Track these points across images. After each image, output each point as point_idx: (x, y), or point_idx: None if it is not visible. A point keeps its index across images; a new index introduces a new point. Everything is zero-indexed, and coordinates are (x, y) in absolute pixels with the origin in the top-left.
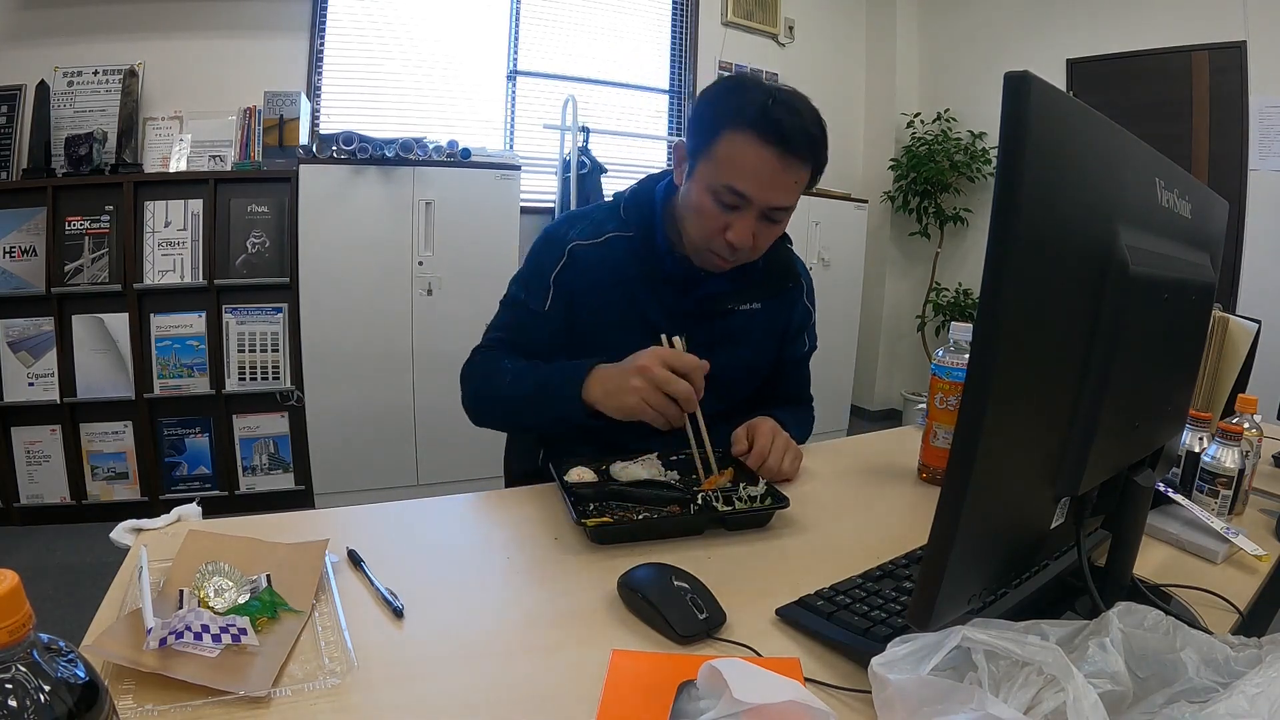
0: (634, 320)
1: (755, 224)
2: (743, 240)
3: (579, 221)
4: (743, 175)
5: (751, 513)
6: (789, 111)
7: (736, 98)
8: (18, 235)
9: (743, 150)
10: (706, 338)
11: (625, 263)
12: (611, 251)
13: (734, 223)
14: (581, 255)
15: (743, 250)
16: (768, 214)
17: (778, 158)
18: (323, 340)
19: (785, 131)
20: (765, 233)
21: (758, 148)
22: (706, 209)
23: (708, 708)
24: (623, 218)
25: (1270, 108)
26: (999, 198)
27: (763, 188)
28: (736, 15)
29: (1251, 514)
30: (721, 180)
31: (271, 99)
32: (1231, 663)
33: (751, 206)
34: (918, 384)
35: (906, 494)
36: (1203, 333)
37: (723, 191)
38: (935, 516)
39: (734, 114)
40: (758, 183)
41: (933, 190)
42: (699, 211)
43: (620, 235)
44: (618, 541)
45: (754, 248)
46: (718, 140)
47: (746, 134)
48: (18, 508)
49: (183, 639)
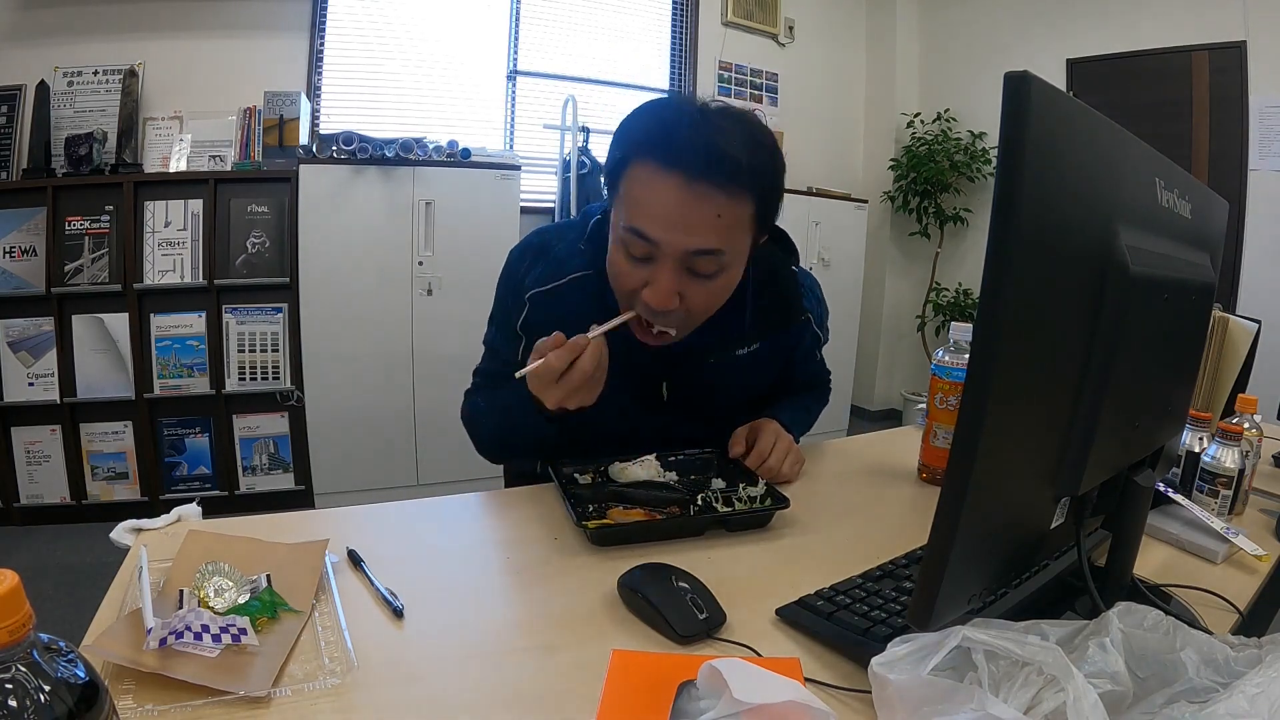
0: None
1: (677, 278)
2: (661, 300)
3: (539, 260)
4: (643, 213)
5: (752, 513)
6: (699, 126)
7: (638, 119)
8: (18, 235)
9: (643, 182)
10: (698, 379)
11: (587, 304)
12: (574, 295)
13: (650, 278)
14: (541, 302)
15: (671, 314)
16: (689, 264)
17: (683, 185)
18: (323, 340)
19: (692, 153)
20: (697, 290)
21: (658, 176)
22: (618, 264)
23: (708, 708)
24: (584, 254)
25: (1270, 108)
26: (999, 198)
27: (669, 226)
28: (736, 15)
29: (1251, 514)
30: (624, 223)
31: (271, 99)
32: (1231, 663)
33: (663, 254)
34: (918, 384)
35: (906, 494)
36: (1203, 333)
37: (629, 239)
38: (935, 516)
39: (636, 140)
40: (661, 221)
41: (933, 190)
42: (613, 268)
43: (583, 275)
44: (619, 543)
45: (687, 311)
46: (622, 176)
47: (647, 162)
48: (18, 508)
49: (183, 639)
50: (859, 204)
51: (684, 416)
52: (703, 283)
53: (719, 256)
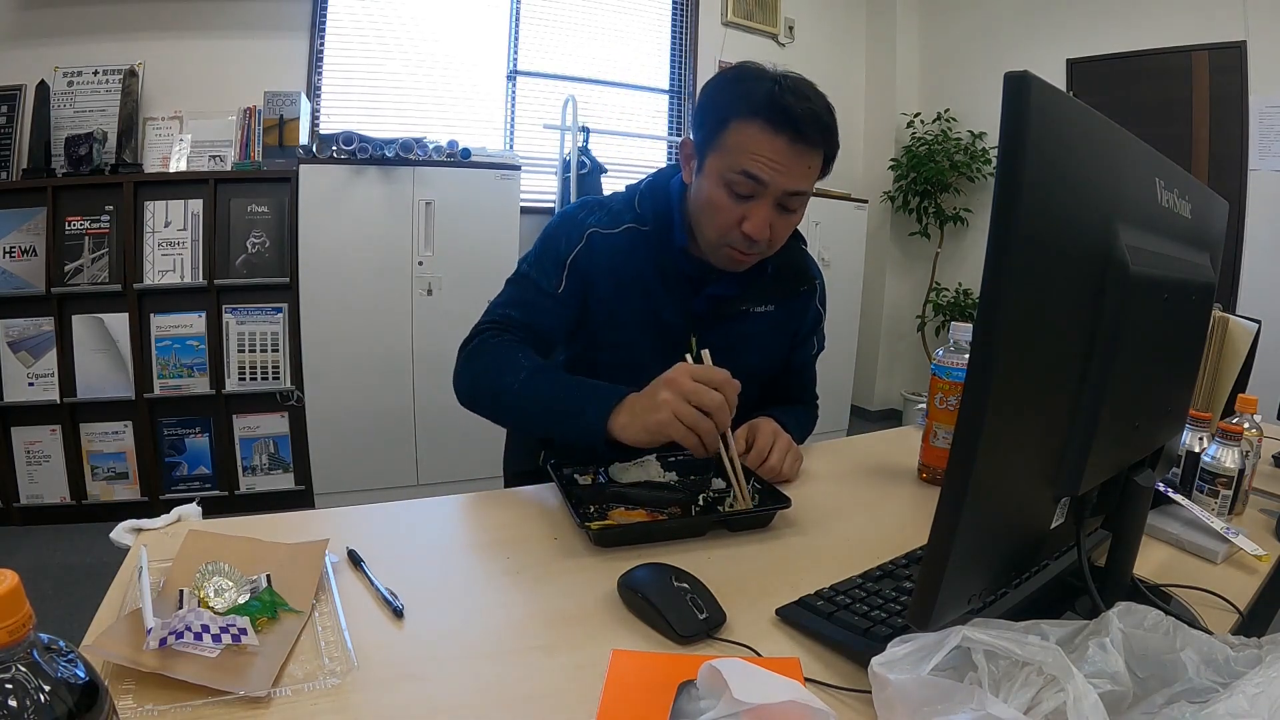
0: (647, 318)
1: (771, 213)
2: (760, 231)
3: (597, 210)
4: (757, 161)
5: (754, 513)
6: (798, 97)
7: (743, 86)
8: (18, 235)
9: (755, 138)
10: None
11: (640, 257)
12: (628, 242)
13: (750, 213)
14: (600, 242)
15: (760, 242)
16: (783, 202)
17: (790, 143)
18: (323, 340)
19: (796, 117)
20: (781, 223)
21: (769, 135)
22: (720, 201)
23: (708, 708)
24: (638, 211)
25: (1270, 108)
26: (999, 198)
27: (778, 172)
28: (736, 15)
29: (1251, 514)
30: (735, 168)
31: (271, 99)
32: (1231, 663)
33: (767, 193)
34: (918, 384)
35: (906, 494)
36: (1203, 333)
37: (737, 180)
38: (935, 516)
39: (742, 103)
40: (773, 168)
41: (933, 190)
42: (713, 205)
43: (636, 228)
44: (621, 544)
45: (771, 240)
46: (726, 131)
47: (757, 122)
48: (18, 508)
49: (183, 639)
50: (859, 204)
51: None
52: (787, 216)
53: (804, 196)
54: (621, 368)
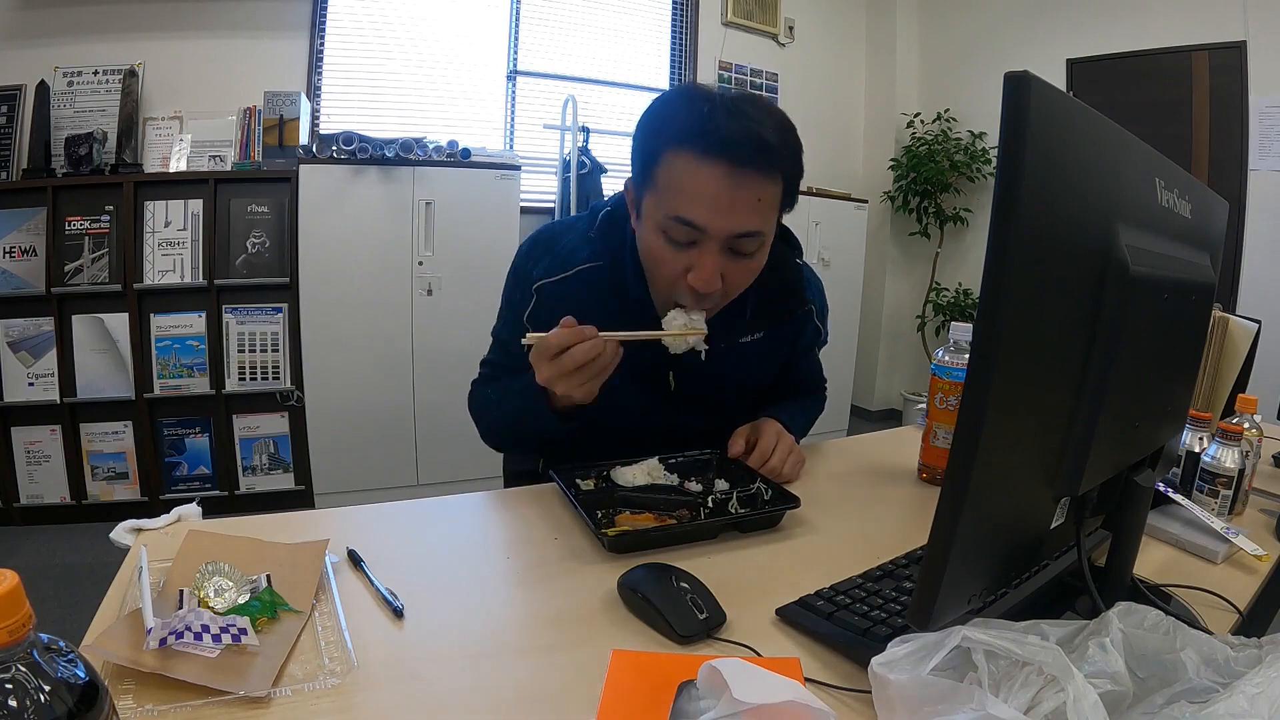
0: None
1: (720, 260)
2: (707, 283)
3: (546, 254)
4: (689, 202)
5: (765, 513)
6: (734, 116)
7: (670, 109)
8: (18, 235)
9: (686, 173)
10: (700, 373)
11: (600, 298)
12: (582, 287)
13: (695, 262)
14: (549, 294)
15: (712, 295)
16: (733, 246)
17: (727, 174)
18: (323, 340)
19: (731, 140)
20: (735, 270)
21: (701, 165)
22: (660, 253)
23: (708, 708)
24: (594, 244)
25: (1270, 108)
26: (999, 198)
27: (716, 213)
28: (736, 15)
29: (1251, 514)
30: (667, 213)
31: (271, 99)
32: (1231, 663)
33: (709, 239)
34: (918, 384)
35: (906, 494)
36: (1203, 333)
37: (673, 226)
38: (935, 516)
39: (670, 132)
40: (709, 207)
41: (933, 190)
42: (652, 257)
43: (591, 267)
44: (636, 549)
45: (724, 291)
46: (657, 166)
47: (686, 152)
48: (18, 508)
49: (183, 639)
50: (859, 204)
51: (689, 409)
52: (742, 261)
53: (758, 237)
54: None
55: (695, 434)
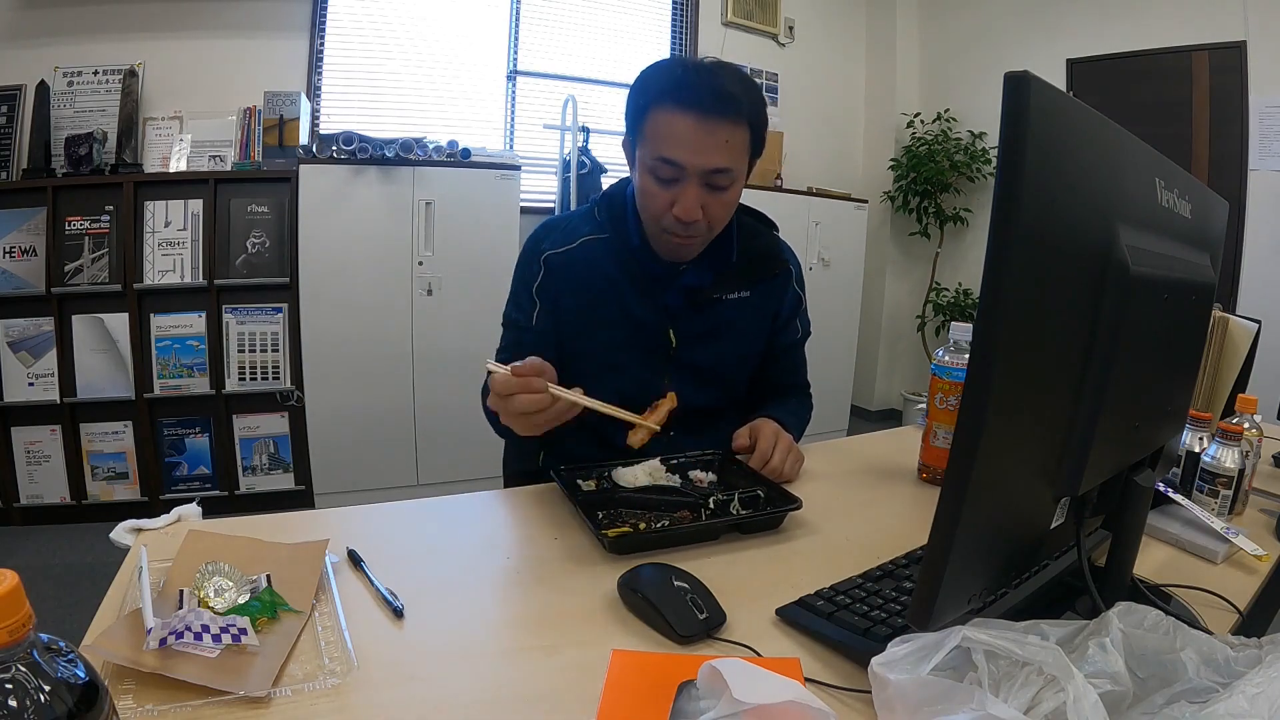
0: (618, 318)
1: (699, 193)
2: (689, 212)
3: (553, 231)
4: (670, 144)
5: (766, 515)
6: (703, 74)
7: (653, 75)
8: (18, 235)
9: (666, 122)
10: (695, 329)
11: (602, 263)
12: (587, 254)
13: (678, 196)
14: (556, 263)
15: (695, 225)
16: (709, 181)
17: (698, 119)
18: (323, 340)
19: (701, 93)
20: (714, 203)
21: (678, 115)
22: (649, 189)
23: (708, 708)
24: (597, 219)
25: (1270, 108)
26: (999, 198)
27: (693, 152)
28: (736, 15)
29: (1251, 514)
30: (653, 154)
31: (271, 99)
32: (1231, 663)
33: (689, 175)
34: (918, 384)
35: (906, 494)
36: (1203, 333)
37: (658, 166)
38: (935, 516)
39: (653, 91)
40: (686, 148)
41: (933, 190)
42: (644, 193)
43: (595, 238)
44: (637, 550)
45: (707, 221)
46: (645, 121)
47: (666, 106)
48: (18, 508)
49: (183, 639)
50: (859, 204)
51: (688, 372)
52: (718, 195)
53: (730, 173)
54: (605, 370)
55: (696, 412)
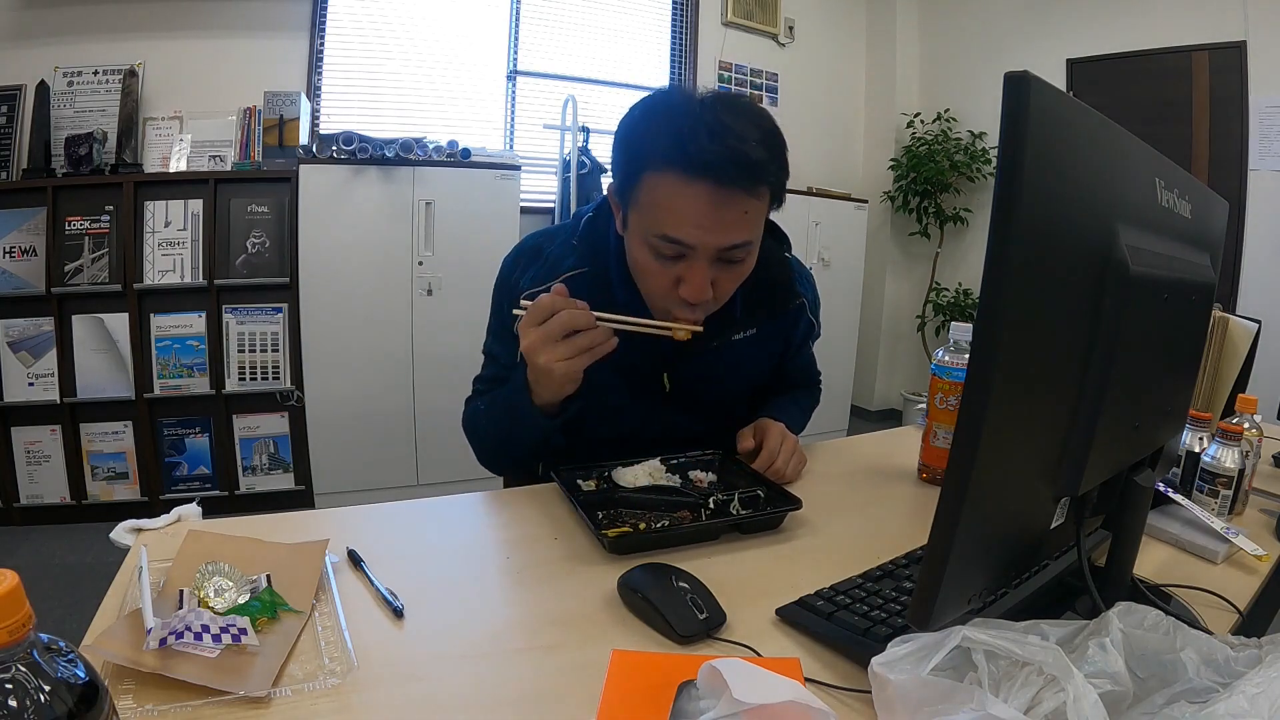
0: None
1: (710, 270)
2: (698, 294)
3: (532, 263)
4: (676, 222)
5: (766, 515)
6: (718, 134)
7: (651, 126)
8: (18, 235)
9: (669, 193)
10: (694, 373)
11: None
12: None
13: (684, 274)
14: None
15: (703, 304)
16: (721, 256)
17: (712, 193)
18: (323, 340)
19: (715, 161)
20: (726, 276)
21: (686, 187)
22: (649, 266)
23: (708, 708)
24: (578, 249)
25: (1270, 108)
26: (999, 198)
27: (704, 230)
28: (736, 15)
29: (1251, 514)
30: (654, 231)
31: (271, 99)
32: (1231, 663)
33: (697, 254)
34: (918, 384)
35: (906, 494)
36: (1203, 333)
37: (660, 244)
38: (935, 516)
39: (651, 150)
40: (696, 227)
41: (933, 190)
42: (642, 270)
43: (576, 273)
44: (637, 550)
45: (716, 297)
46: (639, 185)
47: (668, 174)
48: (18, 508)
49: (183, 639)
50: (859, 204)
51: (685, 410)
52: (731, 269)
53: (748, 246)
54: (601, 412)
55: (692, 437)
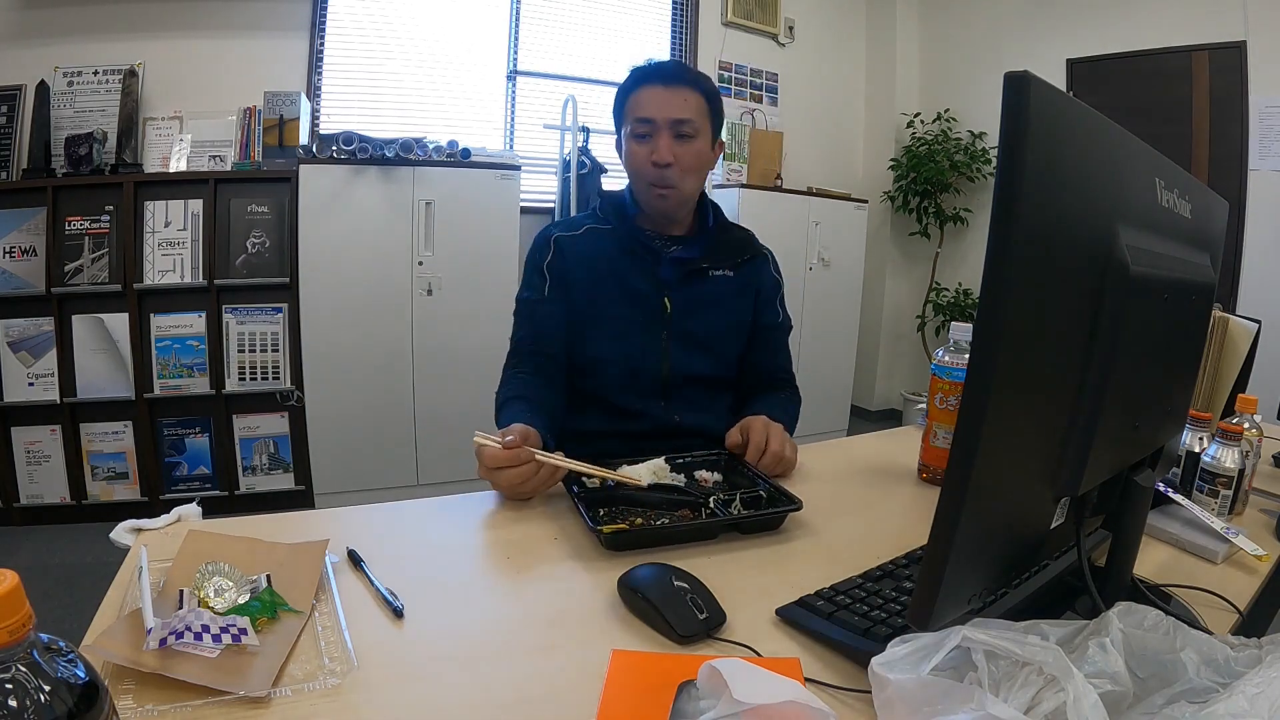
0: (619, 292)
1: (670, 142)
2: (663, 154)
3: (560, 224)
4: (641, 107)
5: (766, 515)
6: (661, 62)
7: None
8: (18, 235)
9: (637, 95)
10: (688, 299)
11: (605, 245)
12: (591, 238)
13: (654, 146)
14: (566, 243)
15: (670, 171)
16: (677, 130)
17: (661, 87)
18: (323, 340)
19: (659, 69)
20: (683, 151)
21: (645, 87)
22: (632, 150)
23: (708, 708)
24: (599, 215)
25: (1270, 108)
26: (999, 198)
27: (658, 108)
28: (736, 15)
29: (1251, 514)
30: (630, 121)
31: (271, 99)
32: (1231, 663)
33: (659, 127)
34: (918, 384)
35: (906, 494)
36: (1203, 333)
37: (635, 126)
38: (935, 516)
39: (627, 84)
40: (653, 106)
41: (933, 190)
42: (629, 157)
43: (596, 227)
44: (632, 548)
45: (680, 170)
46: (624, 107)
47: (635, 87)
48: (18, 508)
49: (183, 639)
50: (859, 204)
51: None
52: (686, 144)
53: (692, 123)
54: (610, 338)
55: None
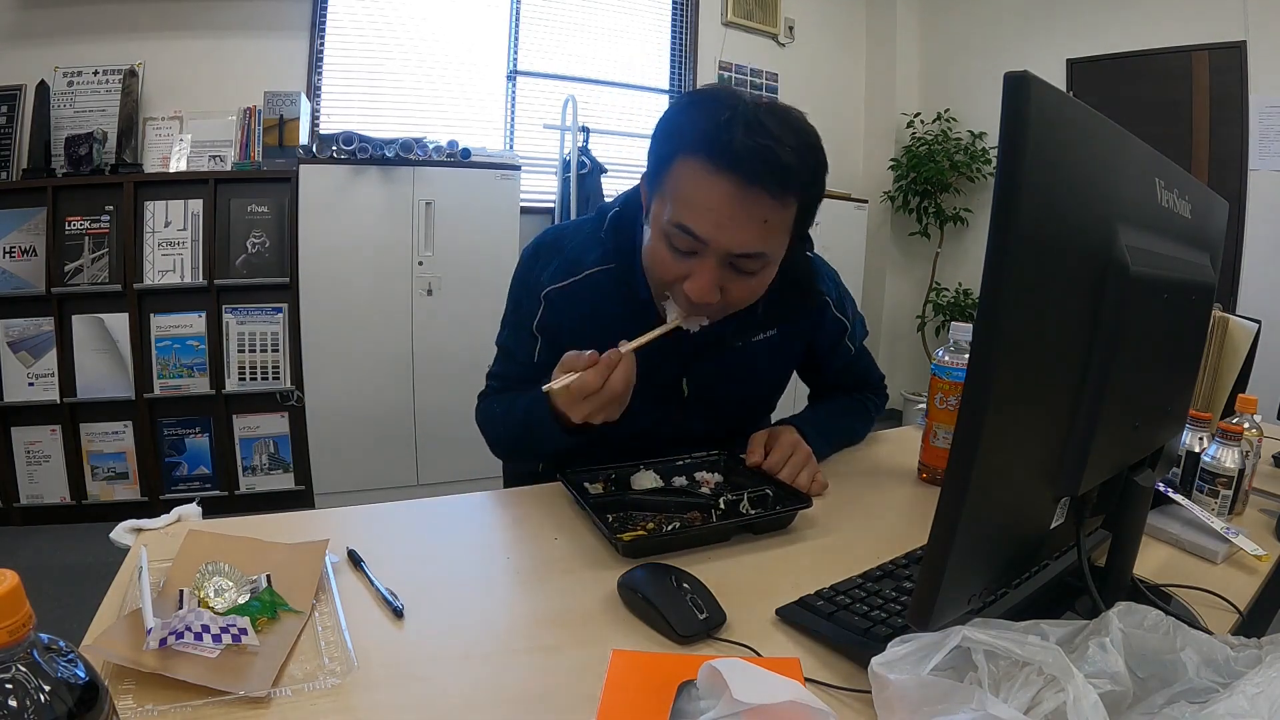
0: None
1: (719, 273)
2: (703, 294)
3: (554, 258)
4: (693, 212)
5: (776, 514)
6: (754, 130)
7: (693, 113)
8: (18, 235)
9: (693, 180)
10: (711, 375)
11: (610, 300)
12: (591, 290)
13: (692, 271)
14: (559, 299)
15: (710, 306)
16: (733, 263)
17: (736, 189)
18: (323, 340)
19: (744, 155)
20: (735, 286)
21: (709, 176)
22: (660, 256)
23: (708, 708)
24: (605, 245)
25: (1270, 108)
26: (999, 198)
27: (719, 227)
28: (736, 15)
29: (1251, 514)
30: (671, 219)
31: (271, 99)
32: (1231, 663)
33: (709, 252)
34: (918, 384)
35: (906, 494)
36: (1203, 333)
37: (674, 233)
38: (935, 516)
39: (686, 134)
40: (712, 221)
41: (933, 190)
42: (651, 258)
43: (601, 269)
44: (650, 553)
45: (725, 304)
46: (669, 169)
47: (697, 160)
48: (18, 508)
49: (183, 639)
50: (859, 204)
51: (702, 414)
52: (742, 279)
53: (762, 258)
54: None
55: (707, 437)
